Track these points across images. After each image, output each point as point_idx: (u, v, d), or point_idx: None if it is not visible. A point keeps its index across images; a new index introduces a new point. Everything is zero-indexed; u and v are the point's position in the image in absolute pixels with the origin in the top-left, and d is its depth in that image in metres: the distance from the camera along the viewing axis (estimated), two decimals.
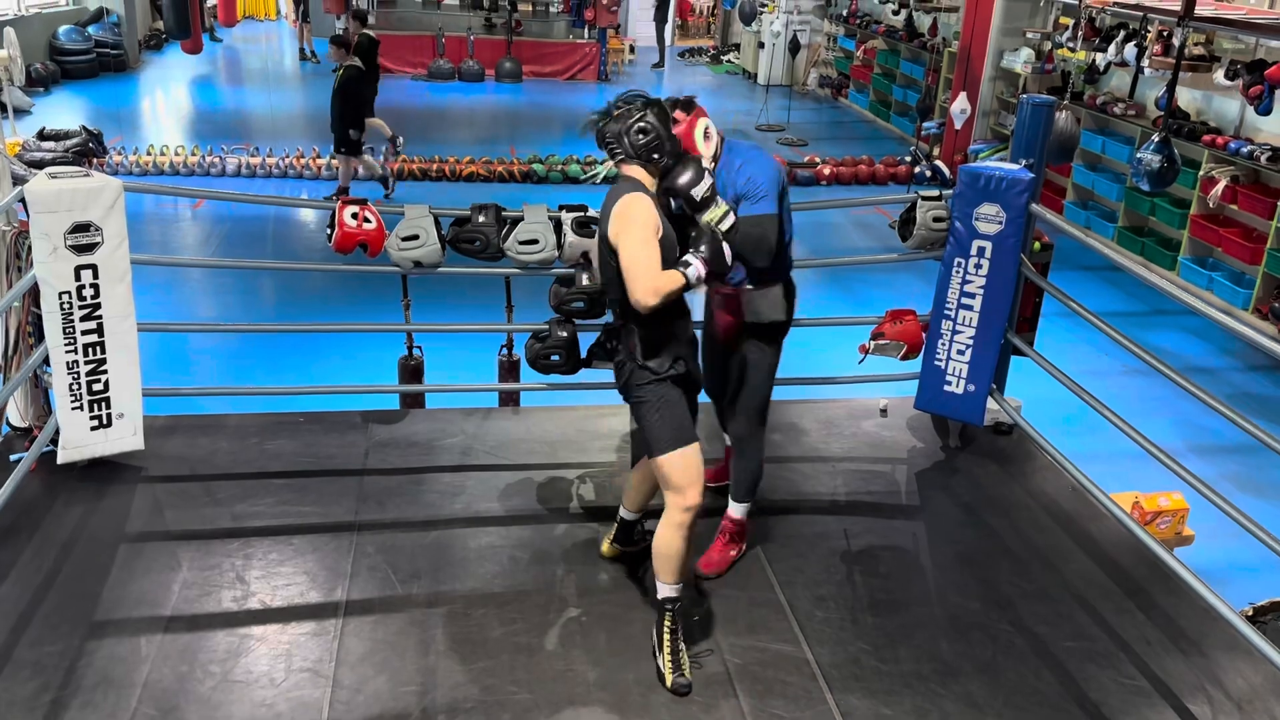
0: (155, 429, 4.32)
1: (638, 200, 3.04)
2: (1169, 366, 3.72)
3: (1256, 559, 3.54)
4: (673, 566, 3.16)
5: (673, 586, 3.18)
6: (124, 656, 3.16)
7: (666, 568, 3.17)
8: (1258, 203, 8.77)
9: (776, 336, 3.67)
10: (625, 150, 3.10)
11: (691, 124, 3.46)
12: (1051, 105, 4.41)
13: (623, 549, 3.72)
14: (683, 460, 3.12)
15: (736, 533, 3.78)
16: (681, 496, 3.13)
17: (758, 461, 3.75)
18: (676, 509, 3.14)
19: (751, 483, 3.76)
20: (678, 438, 3.13)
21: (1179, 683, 3.28)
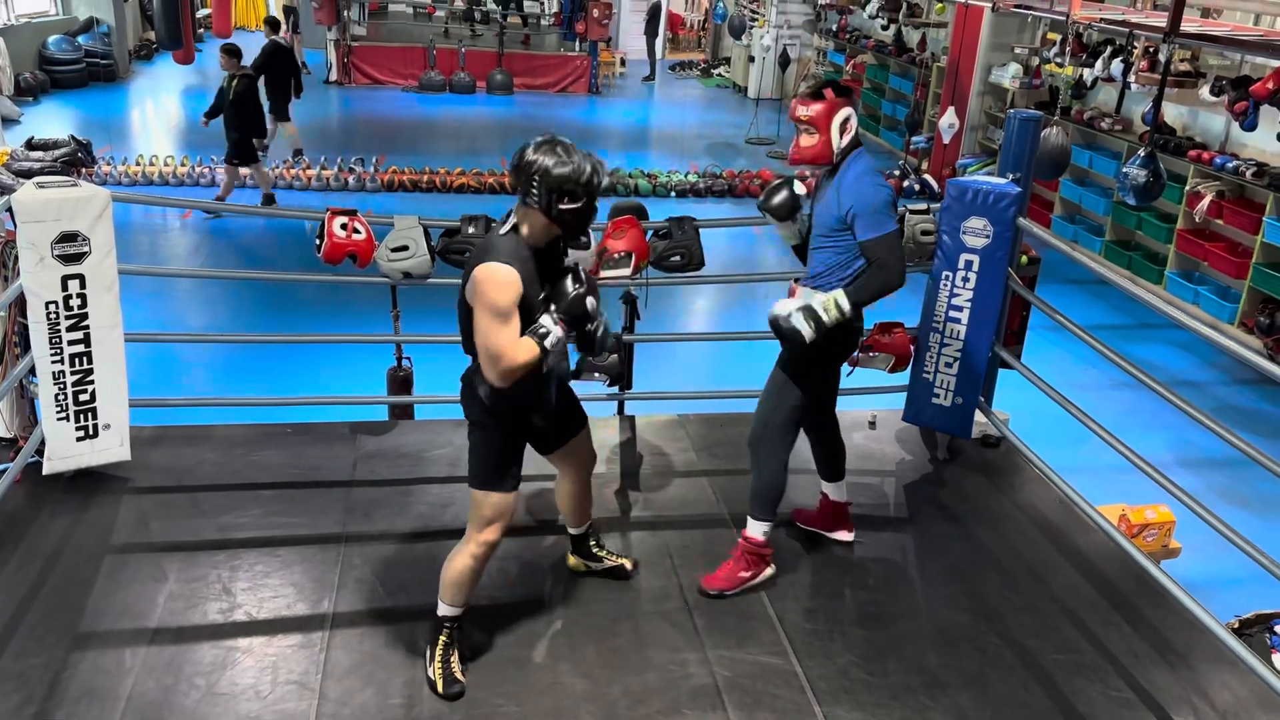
0: (142, 440, 4.29)
1: (493, 271, 2.82)
2: (1155, 380, 3.73)
3: (1242, 572, 3.55)
4: (455, 590, 3.14)
5: (449, 607, 3.16)
6: (108, 669, 3.14)
7: (449, 590, 3.14)
8: (1243, 217, 8.84)
9: (814, 356, 3.47)
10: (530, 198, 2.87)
11: (834, 106, 3.36)
12: (1038, 120, 4.44)
13: (587, 564, 3.69)
14: (488, 500, 3.08)
15: (749, 552, 3.63)
16: (487, 532, 3.10)
17: (769, 476, 3.59)
18: (474, 540, 3.11)
19: (761, 497, 3.60)
20: (489, 479, 3.08)
21: (1166, 695, 3.28)
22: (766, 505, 3.60)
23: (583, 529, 3.65)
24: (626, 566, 3.69)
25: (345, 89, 18.12)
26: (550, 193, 2.83)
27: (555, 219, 2.88)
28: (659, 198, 12.09)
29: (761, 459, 3.59)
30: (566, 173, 2.82)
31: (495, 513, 3.10)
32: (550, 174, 2.82)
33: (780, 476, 3.59)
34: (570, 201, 2.85)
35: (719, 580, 3.62)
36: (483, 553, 3.12)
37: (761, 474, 3.59)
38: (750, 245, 10.56)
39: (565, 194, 2.84)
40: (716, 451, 4.64)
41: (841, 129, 3.38)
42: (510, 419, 3.10)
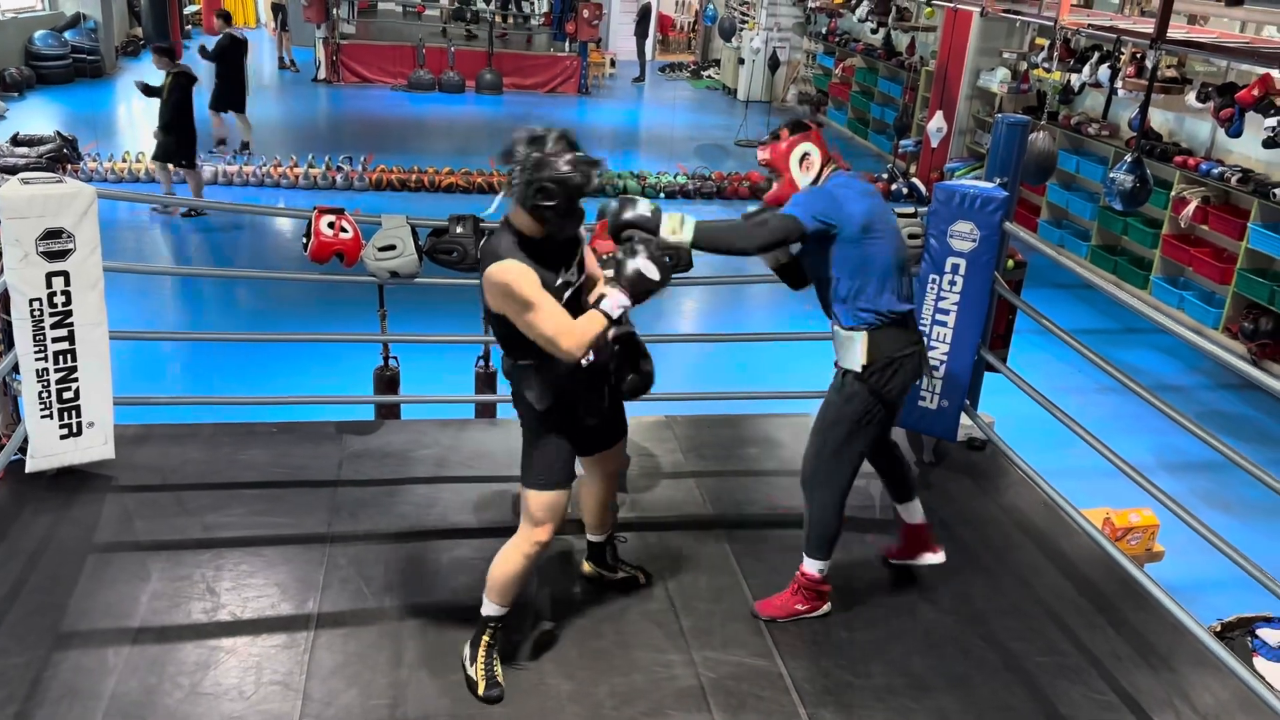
0: (126, 438, 4.27)
1: (504, 271, 2.82)
2: (1140, 384, 3.75)
3: (1225, 575, 3.57)
4: (502, 588, 3.12)
5: (497, 607, 3.14)
6: (90, 668, 3.12)
7: (496, 588, 3.12)
8: (1228, 223, 8.90)
9: (858, 387, 3.32)
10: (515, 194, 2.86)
11: (790, 145, 3.32)
12: (1026, 125, 4.46)
13: (601, 571, 3.66)
14: (541, 499, 3.07)
15: (805, 587, 3.53)
16: (533, 530, 3.09)
17: (818, 515, 3.44)
18: (525, 539, 3.10)
19: (815, 536, 3.46)
20: (547, 478, 3.07)
21: (1148, 698, 3.30)
22: (818, 545, 3.48)
23: (603, 535, 3.61)
24: (640, 579, 3.65)
25: (334, 87, 18.07)
26: (528, 186, 2.81)
27: (531, 213, 2.86)
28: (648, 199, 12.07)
29: (811, 497, 3.46)
30: (546, 170, 2.79)
31: (548, 513, 3.08)
32: (529, 169, 2.79)
33: (830, 517, 3.43)
34: (545, 199, 2.82)
35: (773, 607, 3.54)
36: (535, 552, 3.10)
37: (812, 512, 3.46)
38: None
39: (541, 190, 2.80)
40: (704, 453, 4.64)
41: (801, 164, 3.32)
42: (559, 419, 3.07)
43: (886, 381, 3.31)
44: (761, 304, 9.13)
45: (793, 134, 3.34)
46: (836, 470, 3.40)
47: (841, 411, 3.37)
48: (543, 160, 2.80)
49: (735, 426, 4.91)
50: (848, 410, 3.35)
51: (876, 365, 3.29)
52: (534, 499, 3.08)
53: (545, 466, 3.08)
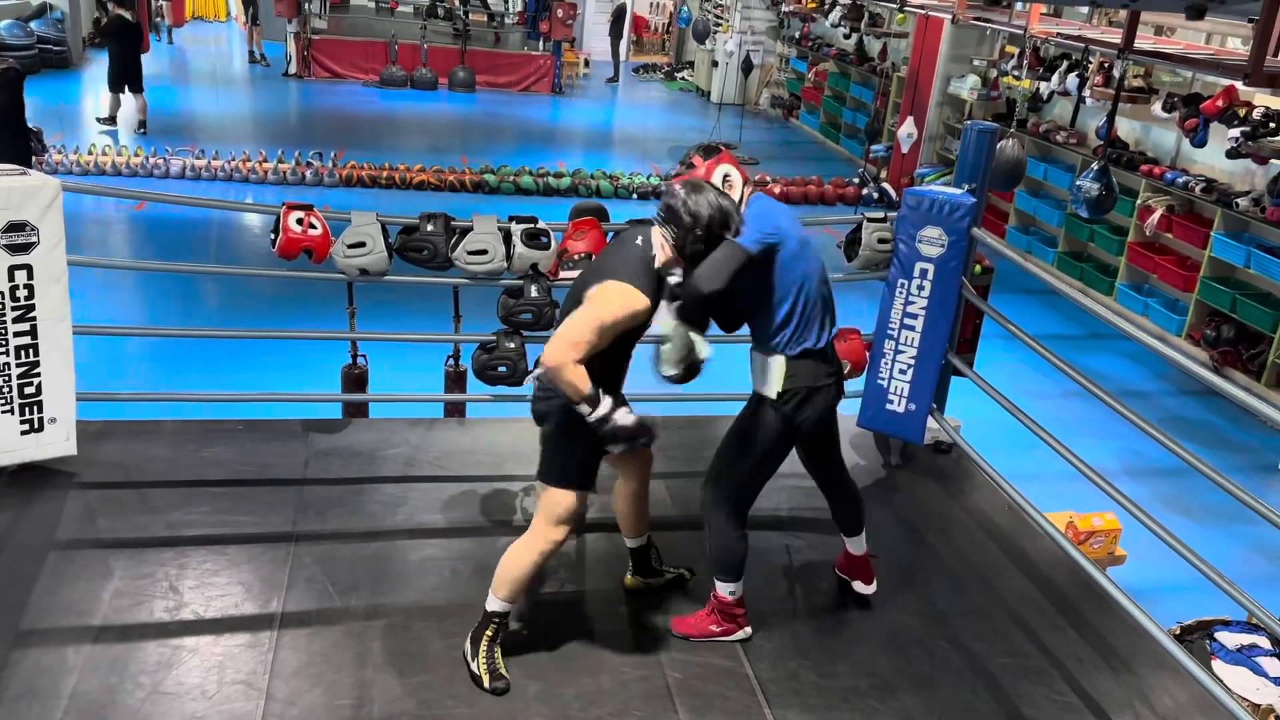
0: (89, 434, 4.22)
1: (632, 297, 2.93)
2: (1104, 390, 3.80)
3: (1185, 579, 3.62)
4: (510, 584, 3.15)
5: (502, 602, 3.18)
6: (50, 667, 3.08)
7: (504, 583, 3.15)
8: (1192, 232, 9.03)
9: (770, 414, 3.26)
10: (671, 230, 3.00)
11: (708, 169, 3.21)
12: (994, 132, 4.50)
13: (645, 580, 3.64)
14: (566, 499, 3.11)
15: (719, 610, 3.44)
16: (555, 530, 3.13)
17: (718, 540, 3.34)
18: (541, 536, 3.14)
19: (718, 559, 3.37)
20: (569, 477, 3.12)
21: (1109, 700, 3.34)
22: (725, 568, 3.38)
23: (642, 540, 3.58)
24: (687, 576, 3.66)
25: (305, 82, 17.92)
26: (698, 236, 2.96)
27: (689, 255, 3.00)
28: (620, 199, 12.10)
29: (711, 519, 3.36)
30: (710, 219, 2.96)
31: (568, 513, 3.12)
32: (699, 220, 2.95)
33: (731, 540, 3.33)
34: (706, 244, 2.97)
35: (686, 625, 3.48)
36: (550, 550, 3.15)
37: (712, 535, 3.36)
38: None
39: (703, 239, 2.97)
40: (672, 454, 4.64)
41: (723, 186, 3.19)
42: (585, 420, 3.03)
43: (800, 411, 3.24)
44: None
45: (706, 158, 3.24)
46: (737, 494, 3.33)
47: (750, 436, 3.30)
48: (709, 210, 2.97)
49: (702, 428, 4.92)
50: (757, 436, 3.28)
51: (791, 394, 3.22)
52: (559, 497, 3.11)
53: (574, 467, 3.12)
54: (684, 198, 2.98)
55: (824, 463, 3.58)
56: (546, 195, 12.03)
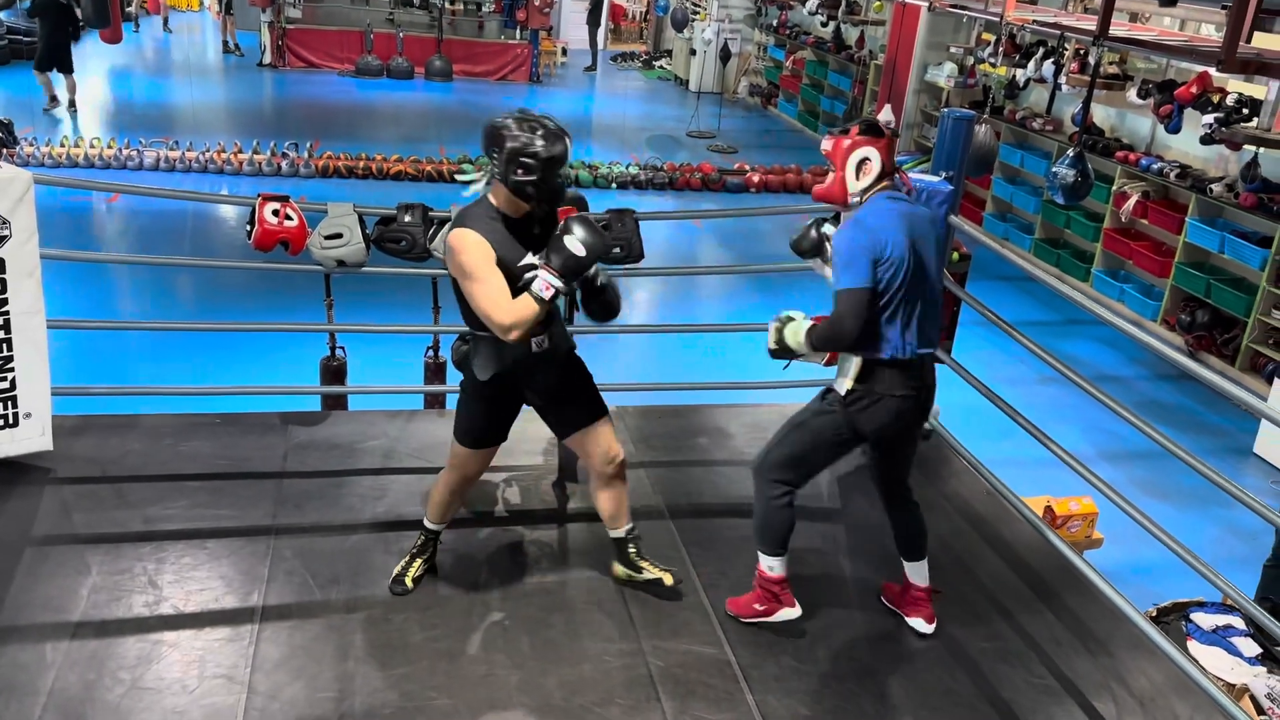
0: (65, 429, 4.18)
1: (459, 238, 3.03)
2: (1081, 375, 3.83)
3: (1161, 561, 3.66)
4: (434, 508, 3.51)
5: (432, 522, 3.52)
6: (28, 664, 3.05)
7: (431, 508, 3.51)
8: (1167, 218, 9.10)
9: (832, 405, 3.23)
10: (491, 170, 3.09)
11: (853, 145, 3.13)
12: (972, 119, 4.52)
13: (630, 574, 3.60)
14: (455, 450, 3.40)
15: (762, 586, 3.44)
16: (451, 472, 3.44)
17: (761, 509, 3.35)
18: (447, 472, 3.45)
19: (759, 530, 3.37)
20: (464, 434, 3.38)
21: (1086, 682, 3.38)
22: (766, 539, 3.37)
23: (619, 532, 3.56)
24: (667, 582, 3.57)
25: (279, 72, 17.78)
26: (507, 163, 2.99)
27: (513, 189, 3.04)
28: (600, 189, 12.08)
29: (759, 488, 3.36)
30: (520, 144, 2.98)
31: (459, 462, 3.40)
32: (506, 144, 2.99)
33: (774, 511, 3.32)
34: (525, 174, 3.00)
35: (739, 605, 3.49)
36: (452, 485, 3.44)
37: (758, 504, 3.37)
38: (690, 238, 10.60)
39: (519, 165, 2.99)
40: (653, 443, 4.66)
41: (858, 170, 3.14)
42: (496, 390, 3.28)
43: (864, 412, 3.18)
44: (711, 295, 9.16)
45: (862, 134, 3.16)
46: (788, 472, 3.32)
47: (810, 421, 3.30)
48: (516, 136, 2.99)
49: (684, 417, 4.93)
50: (816, 423, 3.28)
51: (860, 394, 3.18)
52: (452, 447, 3.42)
53: (464, 422, 3.39)
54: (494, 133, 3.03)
55: (887, 478, 3.50)
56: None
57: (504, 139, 2.99)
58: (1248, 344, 8.24)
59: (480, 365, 3.22)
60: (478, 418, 3.36)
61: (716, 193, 12.58)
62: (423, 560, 3.54)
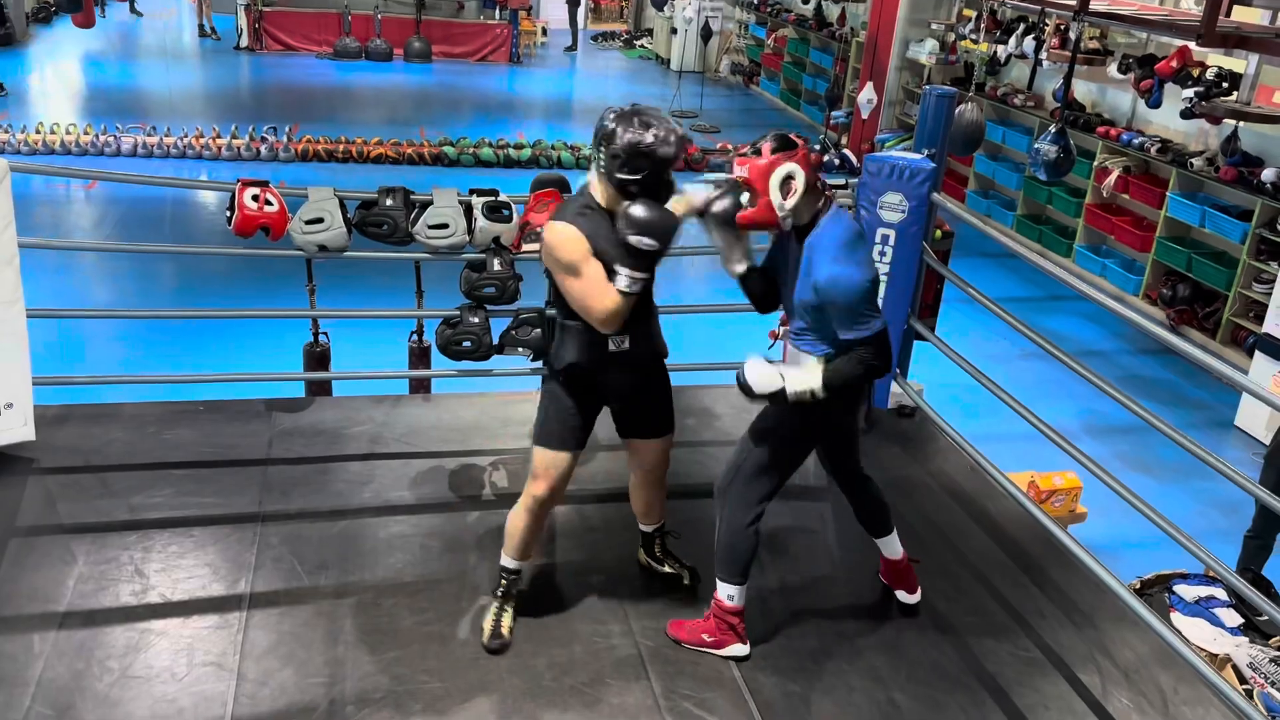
0: (47, 419, 4.15)
1: (556, 232, 2.96)
2: (1063, 351, 3.85)
3: (1144, 534, 3.69)
4: (513, 543, 3.27)
5: (510, 559, 3.29)
6: (15, 654, 3.04)
7: (509, 543, 3.28)
8: (1148, 192, 9.14)
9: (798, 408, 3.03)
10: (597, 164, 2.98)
11: (771, 164, 2.92)
12: (953, 96, 4.52)
13: (650, 562, 3.61)
14: (545, 457, 3.19)
15: (717, 616, 3.25)
16: (534, 484, 3.21)
17: (728, 534, 3.17)
18: (528, 494, 3.23)
19: (721, 556, 3.20)
20: (548, 436, 3.20)
21: (1071, 654, 3.41)
22: (728, 566, 3.19)
23: (649, 527, 3.57)
24: (685, 580, 3.57)
25: (257, 55, 17.61)
26: (613, 158, 2.91)
27: (617, 187, 2.97)
28: (582, 170, 11.99)
29: (723, 512, 3.19)
30: (627, 142, 2.88)
31: (550, 469, 3.19)
32: (614, 142, 2.90)
33: (740, 538, 3.15)
34: (631, 173, 2.92)
35: (682, 630, 3.32)
36: (535, 507, 3.21)
37: (721, 528, 3.19)
38: None
39: (626, 164, 2.91)
40: None
41: (783, 188, 2.92)
42: (574, 385, 3.17)
43: (829, 400, 3.02)
44: (696, 275, 9.15)
45: (775, 151, 2.94)
46: (754, 487, 3.15)
47: (773, 422, 3.15)
48: (625, 134, 2.89)
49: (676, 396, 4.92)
50: (781, 421, 3.13)
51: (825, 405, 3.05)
52: (536, 454, 3.22)
53: (545, 423, 3.22)
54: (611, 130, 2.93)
55: (841, 462, 3.44)
56: (507, 167, 11.94)
57: (614, 135, 2.90)
58: (1228, 317, 8.30)
59: (560, 355, 3.16)
60: (560, 412, 3.19)
61: (700, 172, 12.55)
62: (512, 606, 3.30)
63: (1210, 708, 3.23)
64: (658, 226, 2.92)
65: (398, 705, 2.98)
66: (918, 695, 3.19)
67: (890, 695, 3.18)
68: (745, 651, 3.27)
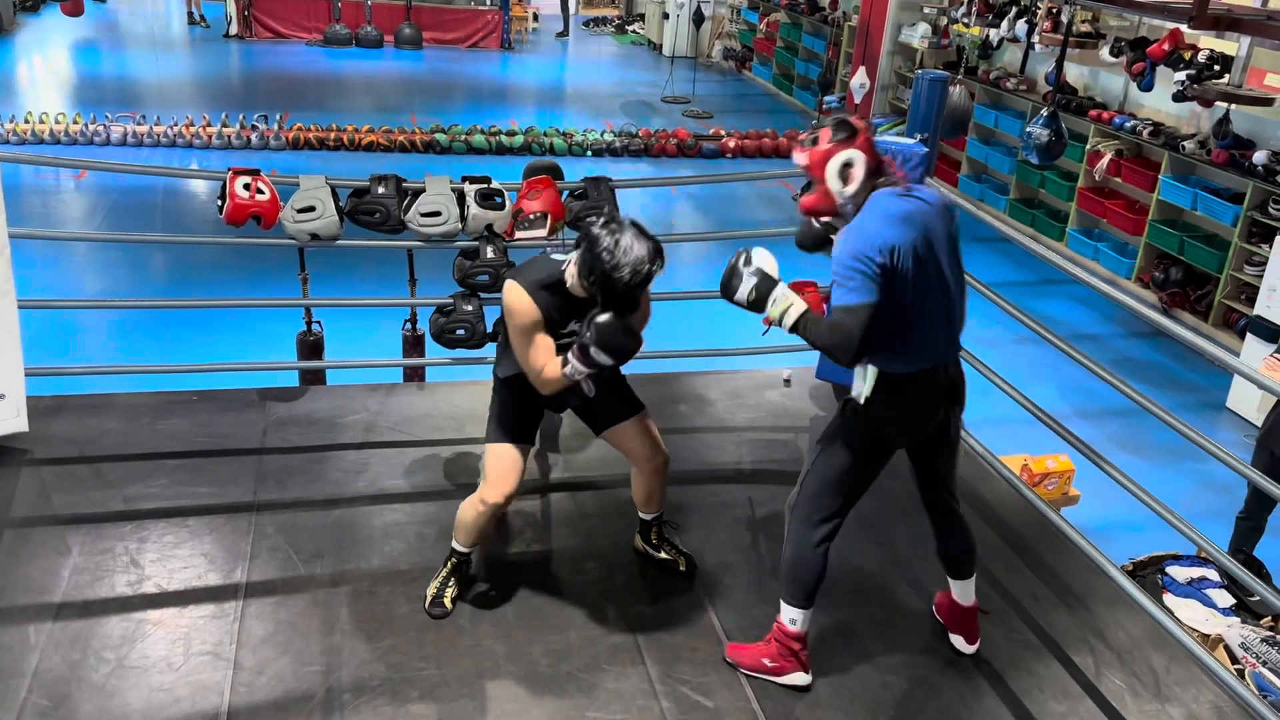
0: (40, 410, 4.14)
1: (517, 298, 3.05)
2: (1056, 334, 3.86)
3: (1137, 517, 3.71)
4: (464, 533, 3.32)
5: (461, 545, 3.35)
6: (11, 645, 3.04)
7: (460, 530, 3.33)
8: (1140, 175, 9.14)
9: (853, 410, 2.96)
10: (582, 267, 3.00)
11: (828, 153, 2.78)
12: (945, 81, 4.51)
13: (646, 548, 3.62)
14: (494, 453, 3.25)
15: (778, 639, 3.11)
16: (485, 487, 3.24)
17: (791, 552, 3.04)
18: (478, 494, 3.25)
19: (785, 575, 3.06)
20: (491, 431, 3.28)
21: (1065, 636, 3.43)
22: (791, 587, 3.06)
23: (648, 515, 3.58)
24: (680, 567, 3.59)
25: (246, 43, 17.52)
26: (590, 271, 2.96)
27: (585, 289, 3.03)
28: (575, 157, 12.00)
29: (789, 529, 3.06)
30: (606, 266, 2.92)
31: (498, 466, 3.23)
32: (596, 257, 2.93)
33: (806, 556, 3.01)
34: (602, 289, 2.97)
35: (742, 654, 3.19)
36: (485, 510, 3.23)
37: (787, 547, 3.06)
38: (666, 205, 10.56)
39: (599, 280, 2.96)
40: None
41: (842, 175, 2.78)
42: (524, 386, 3.21)
43: (889, 410, 2.92)
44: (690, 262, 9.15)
45: (834, 138, 2.80)
46: (820, 505, 3.00)
47: (834, 434, 3.01)
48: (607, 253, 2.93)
49: (664, 384, 4.94)
50: (841, 434, 2.99)
51: (882, 400, 2.92)
52: (488, 452, 3.28)
53: (494, 421, 3.29)
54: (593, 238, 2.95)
55: (927, 486, 3.26)
56: (499, 154, 11.90)
57: (597, 251, 2.92)
58: (1220, 300, 8.32)
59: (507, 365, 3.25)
60: (507, 410, 3.28)
61: (692, 158, 12.53)
62: (456, 581, 3.37)
63: (1203, 688, 3.25)
64: (618, 347, 3.00)
65: (394, 693, 2.99)
66: (912, 678, 3.20)
67: (885, 678, 3.20)
68: (807, 681, 3.12)
